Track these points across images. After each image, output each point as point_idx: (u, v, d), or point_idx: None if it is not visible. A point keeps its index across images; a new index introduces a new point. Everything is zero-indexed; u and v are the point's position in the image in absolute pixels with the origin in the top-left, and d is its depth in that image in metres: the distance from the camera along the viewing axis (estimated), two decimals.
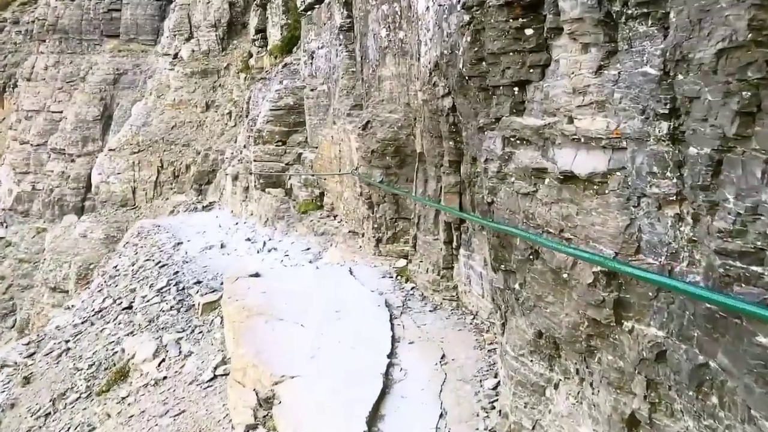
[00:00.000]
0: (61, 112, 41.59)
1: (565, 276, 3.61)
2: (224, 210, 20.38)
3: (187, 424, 6.33)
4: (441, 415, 5.43)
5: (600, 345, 3.47)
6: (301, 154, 14.87)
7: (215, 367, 7.08)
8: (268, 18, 29.19)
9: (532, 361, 4.66)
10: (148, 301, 9.50)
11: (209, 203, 26.49)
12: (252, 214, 16.19)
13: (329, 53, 13.55)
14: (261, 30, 30.63)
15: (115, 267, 13.61)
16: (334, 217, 12.47)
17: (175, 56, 41.09)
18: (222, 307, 8.09)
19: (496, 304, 5.71)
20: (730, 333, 2.46)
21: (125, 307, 9.70)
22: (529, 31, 3.90)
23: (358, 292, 8.27)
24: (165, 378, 7.50)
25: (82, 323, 10.03)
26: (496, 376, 6.14)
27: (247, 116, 19.15)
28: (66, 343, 9.37)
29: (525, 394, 4.51)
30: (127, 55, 43.64)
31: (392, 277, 8.93)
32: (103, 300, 10.77)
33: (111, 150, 38.42)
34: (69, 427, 7.49)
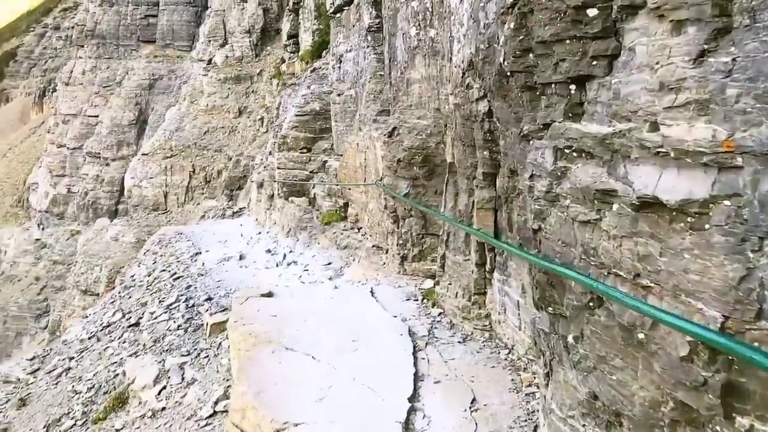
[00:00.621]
0: (97, 116, 42.20)
1: (641, 337, 2.65)
2: (250, 218, 19.86)
3: None
4: None
5: None
6: (326, 161, 14.13)
7: (216, 402, 6.32)
8: (300, 23, 28.93)
9: (584, 425, 3.72)
10: (155, 318, 8.84)
11: (239, 209, 26.47)
12: (275, 224, 15.54)
13: (357, 56, 12.84)
14: (293, 35, 30.40)
15: (132, 277, 13.10)
16: (358, 229, 11.67)
17: (209, 62, 41.29)
18: (228, 331, 7.36)
19: (539, 349, 4.77)
20: None
21: (132, 324, 9.05)
22: (593, 12, 2.99)
23: (379, 317, 7.45)
24: (164, 409, 6.78)
25: (88, 338, 9.44)
26: (536, 429, 5.23)
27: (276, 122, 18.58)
28: (70, 360, 8.78)
29: None
30: (163, 61, 44.07)
31: (417, 300, 8.07)
32: (113, 313, 10.18)
33: (144, 154, 38.68)
34: None
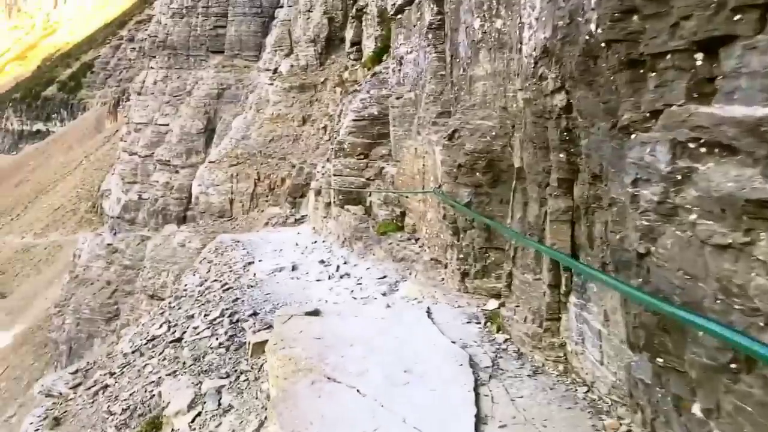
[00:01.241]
0: (168, 124, 43.62)
1: None
2: (308, 226, 19.45)
3: None
4: None
5: None
6: (383, 168, 13.40)
7: None
8: (363, 30, 28.76)
9: None
10: (198, 333, 8.34)
11: (301, 216, 26.60)
12: (330, 233, 14.95)
13: (417, 57, 12.10)
14: (356, 42, 30.28)
15: (185, 286, 12.79)
16: (416, 240, 10.83)
17: (275, 71, 41.86)
18: (267, 354, 6.68)
19: (636, 402, 3.78)
20: None
21: (174, 340, 8.59)
22: None
23: (436, 343, 6.53)
24: None
25: (132, 353, 9.07)
26: None
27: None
28: (110, 376, 8.41)
29: None
30: (231, 71, 45.15)
31: (480, 323, 7.10)
32: (160, 325, 9.81)
33: (211, 162, 39.57)
34: None
